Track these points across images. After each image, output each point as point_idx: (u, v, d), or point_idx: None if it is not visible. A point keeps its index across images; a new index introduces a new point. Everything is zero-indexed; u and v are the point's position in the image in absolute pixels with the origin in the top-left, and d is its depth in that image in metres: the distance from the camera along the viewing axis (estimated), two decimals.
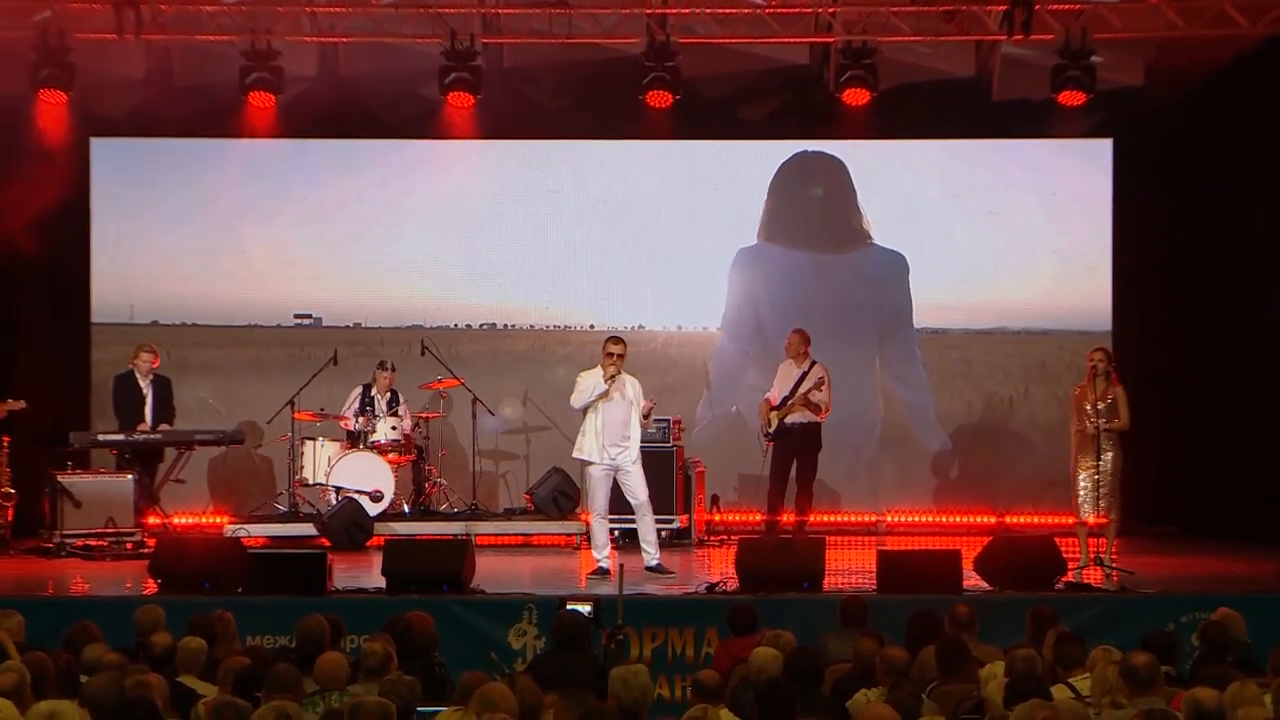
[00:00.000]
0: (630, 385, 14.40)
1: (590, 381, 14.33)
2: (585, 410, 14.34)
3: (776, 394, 16.28)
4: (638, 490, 14.43)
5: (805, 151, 19.02)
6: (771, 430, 16.20)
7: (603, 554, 14.42)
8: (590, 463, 14.41)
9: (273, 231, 18.99)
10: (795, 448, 16.23)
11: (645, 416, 14.37)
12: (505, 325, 19.04)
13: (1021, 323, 18.97)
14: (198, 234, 18.89)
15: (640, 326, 18.67)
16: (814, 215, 19.17)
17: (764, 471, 16.50)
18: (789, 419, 16.12)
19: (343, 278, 18.96)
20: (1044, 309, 18.86)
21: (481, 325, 19.03)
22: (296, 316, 18.92)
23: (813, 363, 16.27)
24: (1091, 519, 14.46)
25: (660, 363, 18.50)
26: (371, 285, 18.94)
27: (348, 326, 18.86)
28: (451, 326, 18.89)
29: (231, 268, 18.95)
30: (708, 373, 18.78)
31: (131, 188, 18.87)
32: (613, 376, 14.21)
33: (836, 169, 19.01)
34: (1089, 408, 14.27)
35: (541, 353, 19.00)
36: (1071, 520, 14.75)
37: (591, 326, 18.57)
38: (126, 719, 7.11)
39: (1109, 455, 14.30)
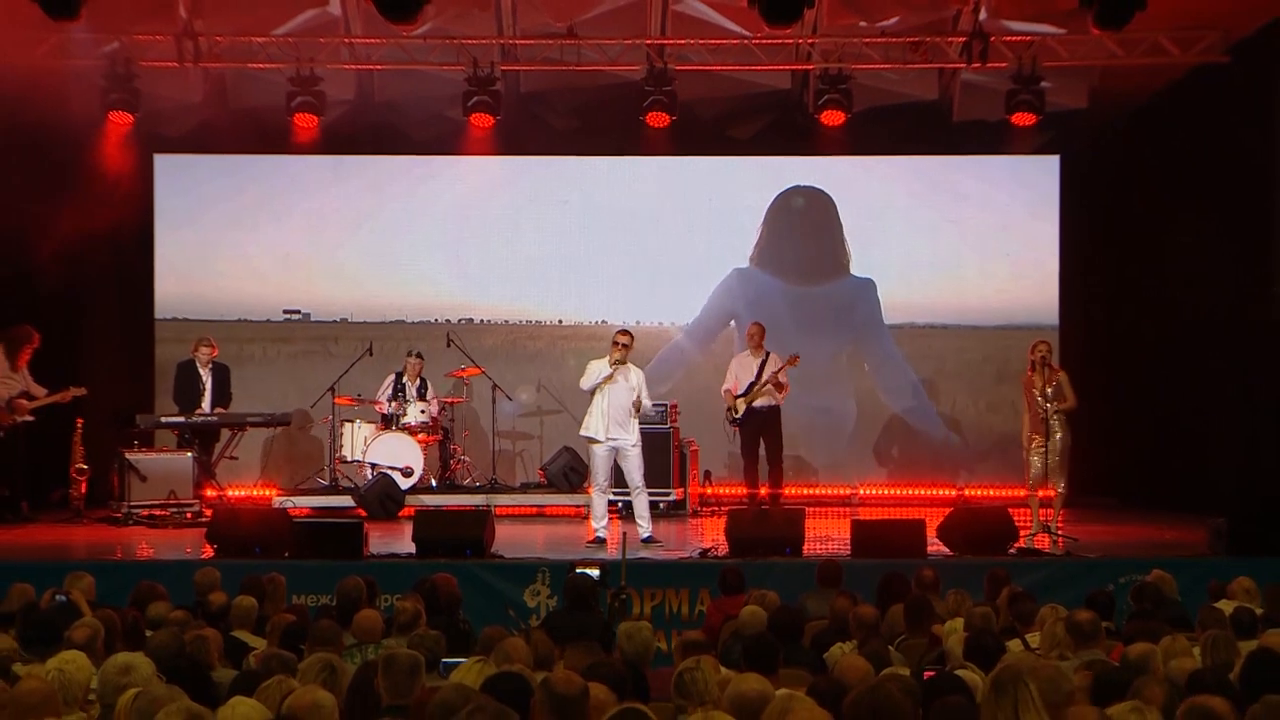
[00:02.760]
0: (634, 374, 14.38)
1: (598, 367, 14.31)
2: (593, 392, 14.32)
3: (738, 383, 16.23)
4: (634, 474, 14.39)
5: (798, 186, 19.03)
6: (739, 416, 16.18)
7: (601, 524, 14.42)
8: (596, 440, 14.37)
9: (312, 236, 18.98)
10: (761, 428, 16.20)
11: (636, 410, 14.36)
12: (521, 321, 19.04)
13: (978, 319, 18.96)
14: (248, 239, 18.91)
15: (639, 322, 18.63)
16: (800, 250, 19.18)
17: (732, 448, 16.57)
18: (756, 403, 16.10)
19: (375, 278, 18.95)
20: (998, 307, 18.86)
21: (500, 321, 19.02)
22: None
23: (767, 352, 16.26)
24: (1042, 491, 14.46)
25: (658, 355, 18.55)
26: (401, 284, 18.95)
27: (383, 322, 18.87)
28: (473, 322, 18.90)
29: (276, 269, 18.95)
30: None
31: (190, 199, 18.88)
32: (617, 363, 14.20)
33: (825, 205, 19.02)
34: (1038, 393, 14.26)
35: (553, 345, 19.01)
36: (1024, 492, 14.75)
37: (600, 322, 18.61)
38: (186, 669, 7.11)
39: (1058, 435, 14.28)
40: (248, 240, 18.92)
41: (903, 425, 18.97)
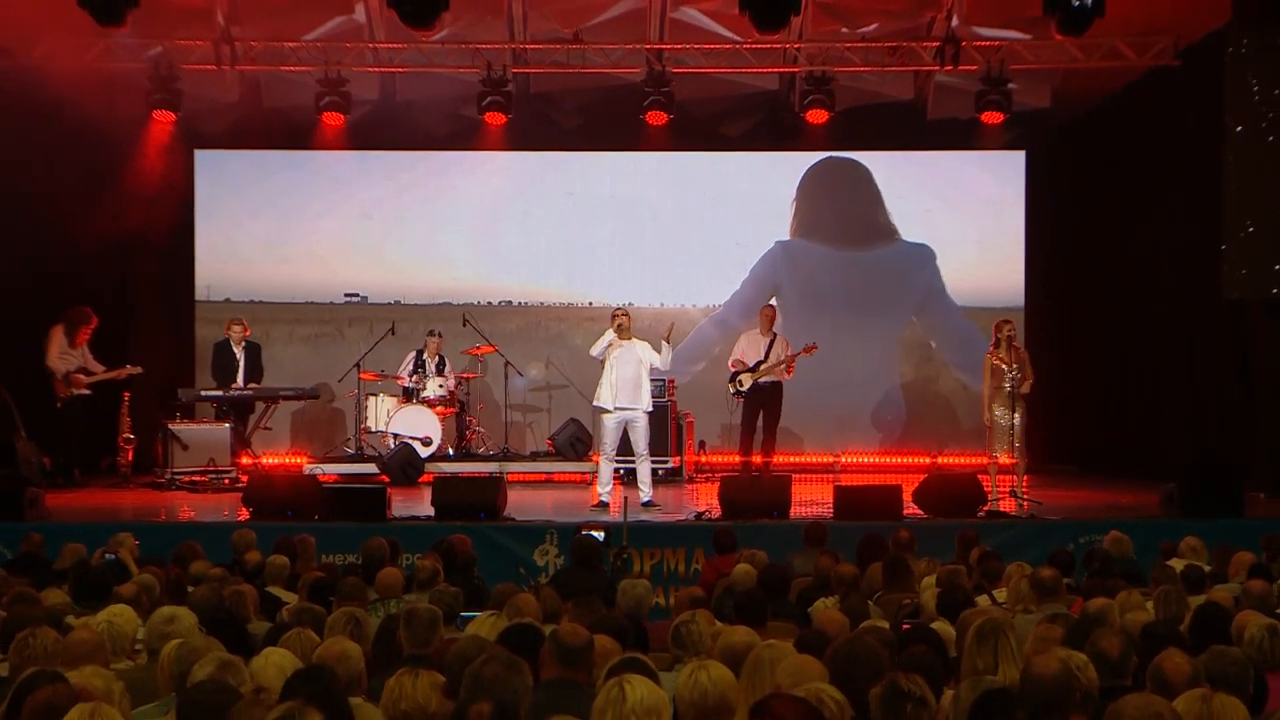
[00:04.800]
0: (639, 347, 14.33)
1: (606, 337, 14.30)
2: (603, 365, 14.29)
3: (744, 357, 16.17)
4: (640, 441, 14.36)
5: (832, 157, 18.89)
6: (745, 389, 16.13)
7: (605, 490, 14.40)
8: (606, 410, 14.35)
9: (340, 226, 18.96)
10: (763, 403, 16.13)
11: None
12: (531, 303, 19.02)
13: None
14: (280, 228, 18.90)
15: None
16: (841, 215, 19.01)
17: (734, 421, 16.52)
18: (762, 380, 16.05)
19: (397, 264, 18.94)
20: (969, 290, 18.82)
21: (511, 303, 19.01)
22: (346, 295, 18.93)
23: (775, 334, 16.21)
24: (1004, 460, 14.47)
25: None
26: (420, 270, 18.95)
27: (405, 305, 18.86)
28: (487, 303, 18.89)
29: (306, 256, 18.94)
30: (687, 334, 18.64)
31: (227, 191, 18.87)
32: (619, 329, 14.15)
33: (862, 173, 18.95)
34: (1005, 369, 14.26)
35: (560, 325, 18.99)
36: (986, 460, 14.76)
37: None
38: (224, 622, 7.13)
39: (1020, 408, 14.30)
40: (280, 229, 18.90)
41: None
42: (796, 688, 4.95)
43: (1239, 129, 15.17)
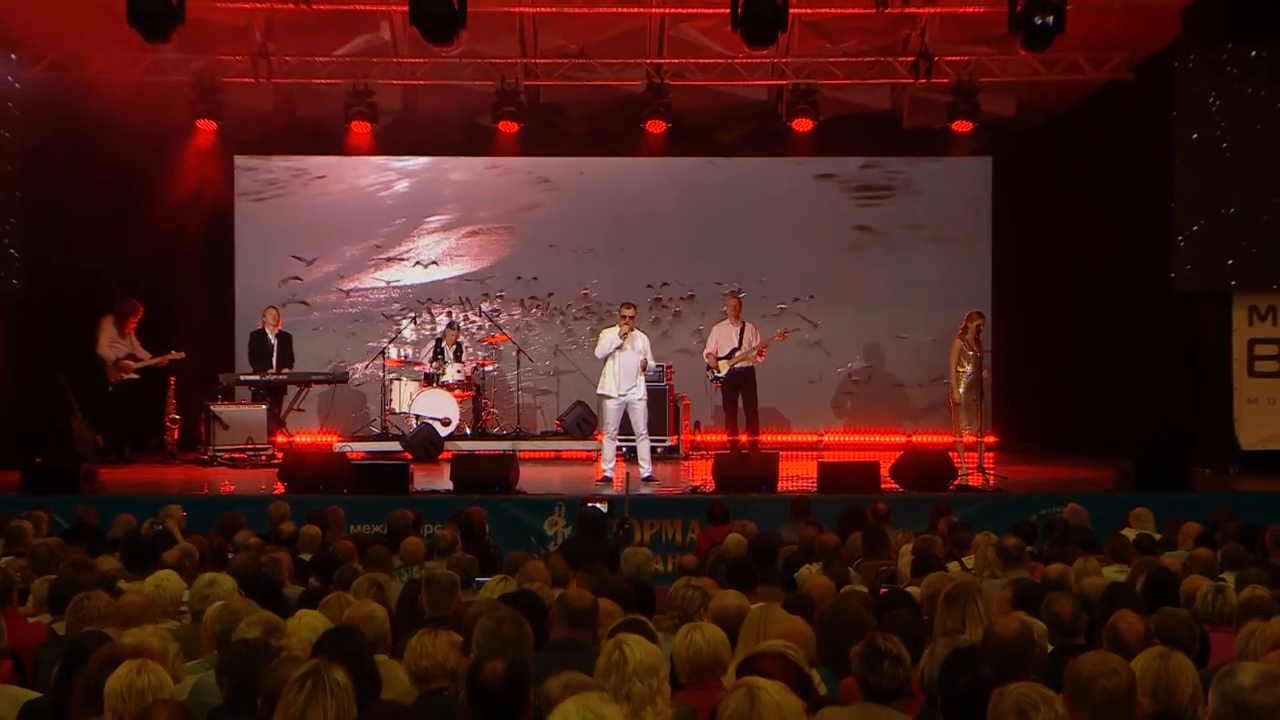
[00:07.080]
0: (640, 339, 14.31)
1: (608, 338, 14.24)
2: (605, 357, 14.30)
3: (718, 347, 16.14)
4: (640, 422, 14.34)
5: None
6: (722, 375, 16.12)
7: (609, 466, 14.38)
8: (609, 397, 14.32)
9: (363, 223, 18.94)
10: (739, 386, 16.10)
11: (643, 369, 14.33)
12: (541, 295, 19.00)
13: (924, 296, 18.91)
14: (312, 226, 18.87)
15: (651, 297, 18.69)
16: None
17: (715, 403, 16.57)
18: (737, 365, 16.04)
19: (417, 259, 18.92)
20: (940, 285, 18.79)
21: (523, 294, 18.99)
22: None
23: (744, 322, 16.20)
24: (969, 438, 14.49)
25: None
26: (439, 265, 18.93)
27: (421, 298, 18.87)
28: (502, 296, 18.88)
29: (333, 252, 18.92)
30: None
31: (265, 193, 18.83)
32: (625, 334, 14.16)
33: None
34: (970, 357, 14.29)
35: (567, 316, 18.97)
36: (952, 439, 14.77)
37: (621, 297, 18.55)
38: (262, 586, 7.15)
39: (983, 395, 14.34)
40: (311, 226, 18.87)
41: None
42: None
43: (1195, 136, 15.19)
